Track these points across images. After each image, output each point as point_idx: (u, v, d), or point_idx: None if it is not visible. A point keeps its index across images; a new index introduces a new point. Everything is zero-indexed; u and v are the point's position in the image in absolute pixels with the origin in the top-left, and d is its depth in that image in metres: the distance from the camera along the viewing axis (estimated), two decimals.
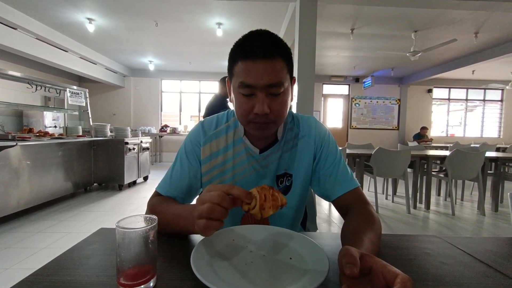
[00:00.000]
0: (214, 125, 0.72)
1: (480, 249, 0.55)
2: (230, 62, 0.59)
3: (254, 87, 0.55)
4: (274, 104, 0.57)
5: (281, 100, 0.57)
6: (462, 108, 7.71)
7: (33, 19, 3.93)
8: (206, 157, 0.69)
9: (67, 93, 3.35)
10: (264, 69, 0.54)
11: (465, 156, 2.86)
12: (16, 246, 1.93)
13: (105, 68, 6.25)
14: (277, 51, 0.55)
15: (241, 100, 0.58)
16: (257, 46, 0.54)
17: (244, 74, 0.55)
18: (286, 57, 0.57)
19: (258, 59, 0.53)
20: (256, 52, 0.54)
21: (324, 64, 6.24)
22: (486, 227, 2.58)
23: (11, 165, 2.39)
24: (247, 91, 0.56)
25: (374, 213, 0.58)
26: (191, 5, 3.48)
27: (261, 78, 0.54)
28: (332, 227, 2.52)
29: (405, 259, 0.50)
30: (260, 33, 0.57)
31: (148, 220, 0.40)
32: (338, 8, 3.43)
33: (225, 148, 0.69)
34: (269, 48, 0.54)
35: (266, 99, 0.56)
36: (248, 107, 0.57)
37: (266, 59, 0.54)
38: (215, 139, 0.70)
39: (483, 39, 4.40)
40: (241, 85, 0.56)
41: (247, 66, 0.54)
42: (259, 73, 0.54)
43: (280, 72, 0.55)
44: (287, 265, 0.44)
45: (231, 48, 0.59)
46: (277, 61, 0.55)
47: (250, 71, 0.54)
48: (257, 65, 0.54)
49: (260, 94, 0.55)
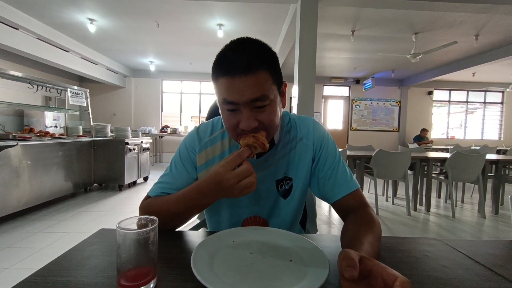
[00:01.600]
0: (209, 131, 0.70)
1: (481, 252, 0.55)
2: (212, 76, 0.56)
3: (237, 103, 0.53)
4: (261, 116, 0.55)
5: (269, 112, 0.55)
6: (462, 110, 7.71)
7: (35, 19, 3.94)
8: (202, 165, 0.68)
9: (68, 93, 3.35)
10: (245, 85, 0.51)
11: (466, 158, 2.86)
12: (16, 245, 1.93)
13: (106, 69, 6.26)
14: (258, 63, 0.52)
15: (226, 115, 0.57)
16: (236, 61, 0.52)
17: (225, 91, 0.53)
18: (270, 67, 0.54)
19: (238, 75, 0.51)
20: (236, 68, 0.51)
21: (325, 65, 6.25)
22: (487, 229, 2.58)
23: (11, 165, 2.39)
24: (231, 107, 0.54)
25: (374, 215, 0.58)
26: (192, 6, 3.49)
27: (243, 94, 0.52)
28: (332, 229, 2.52)
29: (405, 261, 0.50)
30: (241, 44, 0.54)
31: (149, 221, 0.40)
32: (339, 10, 3.44)
33: (221, 155, 0.68)
34: (249, 62, 0.51)
35: (251, 114, 0.54)
36: (234, 123, 0.56)
37: (247, 74, 0.51)
38: (211, 146, 0.69)
39: (483, 41, 4.40)
40: (224, 102, 0.54)
41: (228, 83, 0.52)
42: (241, 89, 0.52)
43: (263, 85, 0.53)
44: (287, 267, 0.44)
45: (214, 60, 0.56)
46: (259, 74, 0.52)
47: (231, 87, 0.52)
48: (237, 81, 0.51)
49: (244, 110, 0.53)
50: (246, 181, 0.50)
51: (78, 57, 5.30)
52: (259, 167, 0.67)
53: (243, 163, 0.51)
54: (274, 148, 0.67)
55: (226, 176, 0.50)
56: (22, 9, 3.62)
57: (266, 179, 0.67)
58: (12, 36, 3.81)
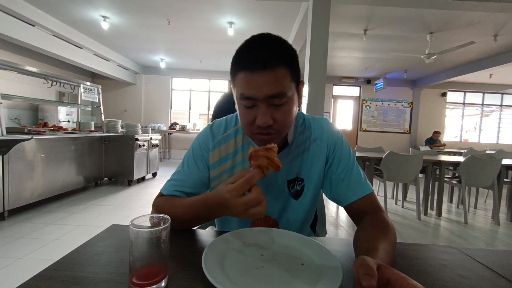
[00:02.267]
0: (223, 128, 0.70)
1: (501, 262, 0.53)
2: (231, 71, 0.57)
3: (254, 99, 0.53)
4: (277, 114, 0.54)
5: (285, 110, 0.55)
6: (477, 113, 7.47)
7: (51, 16, 4.04)
8: (215, 162, 0.68)
9: (81, 89, 3.43)
10: (263, 80, 0.51)
11: (481, 163, 2.77)
12: (29, 236, 1.99)
13: (118, 65, 6.36)
14: (278, 59, 0.52)
15: (243, 111, 0.56)
16: (256, 56, 0.51)
17: (244, 86, 0.53)
18: (289, 64, 0.54)
19: (257, 70, 0.51)
20: (255, 63, 0.51)
21: (335, 65, 6.16)
22: (501, 237, 2.49)
23: (26, 158, 2.46)
24: (248, 102, 0.54)
25: (389, 221, 0.56)
26: (203, 4, 3.50)
27: (261, 90, 0.51)
28: (339, 231, 2.49)
29: (421, 270, 0.48)
30: (261, 39, 0.54)
31: (161, 220, 0.40)
32: (352, 8, 3.38)
33: (234, 153, 0.68)
34: (269, 57, 0.51)
35: (268, 110, 0.53)
36: (250, 119, 0.55)
37: (266, 70, 0.51)
38: (224, 144, 0.68)
39: (502, 42, 4.24)
40: (242, 97, 0.54)
41: (246, 78, 0.52)
42: (259, 84, 0.51)
43: (281, 81, 0.52)
44: (299, 271, 0.43)
45: (233, 55, 0.56)
46: (278, 70, 0.51)
47: (250, 82, 0.52)
48: (256, 77, 0.51)
49: (261, 106, 0.53)
50: (254, 211, 0.46)
51: (91, 53, 5.40)
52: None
53: (252, 189, 0.47)
54: (288, 148, 0.66)
55: (233, 203, 0.47)
56: (39, 6, 3.71)
57: (277, 179, 0.66)
58: (29, 32, 3.92)
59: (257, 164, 0.49)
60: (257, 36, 0.55)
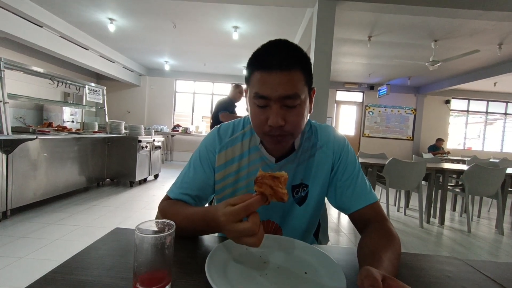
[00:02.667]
0: (230, 131, 0.71)
1: (508, 276, 0.52)
2: (247, 71, 0.59)
3: (268, 98, 0.54)
4: (289, 116, 0.55)
5: (297, 112, 0.56)
6: (481, 121, 7.43)
7: (58, 18, 4.10)
8: (221, 165, 0.68)
9: (86, 90, 3.46)
10: (279, 80, 0.52)
11: (485, 171, 2.75)
12: (31, 236, 2.00)
13: (123, 67, 6.42)
14: (294, 61, 0.53)
15: (256, 111, 0.57)
16: (273, 57, 0.53)
17: (259, 85, 0.54)
18: (304, 68, 0.55)
19: (274, 70, 0.52)
20: (272, 63, 0.53)
21: (339, 70, 6.18)
22: (505, 247, 2.45)
23: (30, 157, 2.48)
24: (262, 102, 0.55)
25: (394, 230, 0.56)
26: (209, 8, 3.53)
27: (275, 89, 0.53)
28: (341, 237, 2.47)
29: (425, 282, 0.48)
30: (279, 43, 0.56)
31: (167, 226, 0.40)
32: (357, 15, 3.40)
33: (241, 156, 0.68)
34: (286, 59, 0.53)
35: (280, 111, 0.54)
36: (262, 119, 0.56)
37: (282, 70, 0.52)
38: (231, 146, 0.69)
39: (507, 50, 4.23)
40: (256, 96, 0.55)
41: (262, 77, 0.54)
42: (274, 84, 0.53)
43: (296, 84, 0.54)
44: (302, 280, 0.43)
45: (250, 57, 0.58)
46: (294, 73, 0.53)
47: (265, 82, 0.53)
48: (272, 76, 0.53)
49: (274, 106, 0.54)
50: (247, 241, 0.42)
51: (97, 55, 5.46)
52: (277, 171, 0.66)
53: (249, 218, 0.43)
54: (294, 153, 0.66)
55: (227, 227, 0.44)
56: (47, 7, 3.78)
57: None
58: (37, 33, 3.98)
59: (261, 191, 0.45)
60: (274, 40, 0.57)
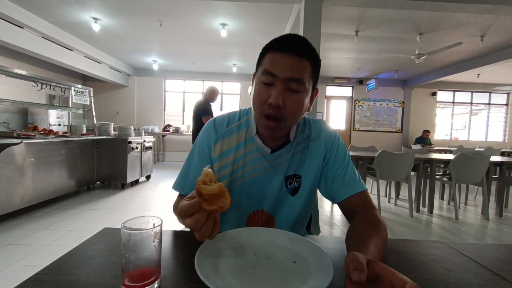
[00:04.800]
0: (226, 123, 0.72)
1: (487, 256, 0.54)
2: (260, 55, 0.61)
3: (275, 76, 0.56)
4: (289, 100, 0.57)
5: (297, 99, 0.58)
6: (466, 112, 7.65)
7: (40, 18, 3.97)
8: (216, 156, 0.70)
9: (72, 91, 3.37)
10: (290, 62, 0.56)
11: (470, 160, 2.84)
12: (19, 242, 1.95)
13: (110, 67, 6.28)
14: (308, 54, 0.57)
15: (260, 88, 0.59)
16: (290, 42, 0.57)
17: (269, 63, 0.57)
18: (314, 64, 0.59)
19: (287, 52, 0.56)
20: (287, 46, 0.56)
21: (328, 65, 6.22)
22: (490, 232, 2.55)
23: (15, 163, 2.41)
24: (268, 79, 0.57)
25: (381, 218, 0.58)
26: (195, 6, 3.49)
27: (284, 70, 0.56)
28: (334, 230, 2.51)
29: (410, 265, 0.50)
30: (298, 35, 0.59)
31: (153, 221, 0.40)
32: (343, 10, 3.42)
33: (236, 147, 0.69)
34: (301, 47, 0.57)
35: (283, 92, 0.57)
36: (264, 96, 0.58)
37: (295, 55, 0.56)
38: (227, 137, 0.70)
39: (489, 42, 4.36)
40: (264, 72, 0.58)
41: (275, 57, 0.57)
42: (284, 65, 0.56)
43: (304, 70, 0.57)
44: (291, 269, 0.44)
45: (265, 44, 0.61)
46: (305, 61, 0.57)
47: (277, 61, 0.56)
48: (284, 57, 0.56)
49: (279, 85, 0.56)
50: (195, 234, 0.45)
51: (82, 55, 5.32)
52: (272, 162, 0.68)
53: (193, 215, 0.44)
54: (289, 145, 0.68)
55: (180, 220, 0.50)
56: (27, 8, 3.65)
57: (276, 174, 0.68)
58: (17, 34, 3.84)
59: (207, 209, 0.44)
60: (293, 34, 0.60)
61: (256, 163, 0.68)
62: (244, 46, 4.92)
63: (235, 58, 5.82)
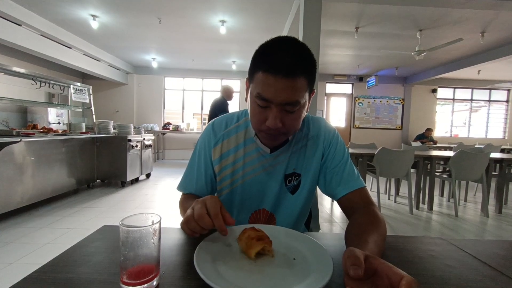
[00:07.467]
0: (224, 125, 0.72)
1: (487, 252, 0.54)
2: (252, 66, 0.58)
3: (270, 101, 0.55)
4: (287, 119, 0.57)
5: (295, 116, 0.58)
6: (466, 109, 7.63)
7: (38, 16, 3.94)
8: (217, 158, 0.70)
9: (71, 89, 3.36)
10: (283, 87, 0.53)
11: (470, 157, 2.84)
12: (20, 241, 1.95)
13: (109, 65, 6.26)
14: (301, 68, 0.53)
15: (256, 109, 0.58)
16: (281, 61, 0.52)
17: (263, 87, 0.54)
18: (309, 75, 0.55)
19: (280, 76, 0.52)
20: (279, 68, 0.52)
21: (328, 62, 6.20)
22: (490, 229, 2.56)
23: (15, 161, 2.41)
24: (263, 103, 0.56)
25: (379, 214, 0.58)
26: (194, 2, 3.47)
27: (279, 95, 0.53)
28: (334, 227, 2.51)
29: (410, 261, 0.50)
30: (287, 43, 0.55)
31: (152, 218, 0.39)
32: (343, 6, 3.40)
33: (236, 148, 0.70)
34: (293, 64, 0.52)
35: (279, 114, 0.56)
36: (261, 118, 0.58)
37: (288, 77, 0.52)
38: (226, 139, 0.71)
39: (489, 38, 4.34)
40: (258, 97, 0.56)
41: (267, 80, 0.53)
42: (278, 90, 0.53)
43: (299, 91, 0.54)
44: (291, 266, 0.44)
45: (256, 50, 0.57)
46: (298, 80, 0.53)
47: (270, 86, 0.53)
48: (277, 82, 0.53)
49: (275, 109, 0.55)
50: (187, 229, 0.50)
51: (80, 53, 5.30)
52: (271, 161, 0.69)
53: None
54: (288, 144, 0.69)
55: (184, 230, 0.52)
56: (25, 5, 3.62)
57: (276, 174, 0.69)
58: (15, 32, 3.82)
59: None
60: (283, 38, 0.56)
61: (256, 163, 0.69)
62: (243, 43, 4.90)
63: (234, 55, 5.79)
